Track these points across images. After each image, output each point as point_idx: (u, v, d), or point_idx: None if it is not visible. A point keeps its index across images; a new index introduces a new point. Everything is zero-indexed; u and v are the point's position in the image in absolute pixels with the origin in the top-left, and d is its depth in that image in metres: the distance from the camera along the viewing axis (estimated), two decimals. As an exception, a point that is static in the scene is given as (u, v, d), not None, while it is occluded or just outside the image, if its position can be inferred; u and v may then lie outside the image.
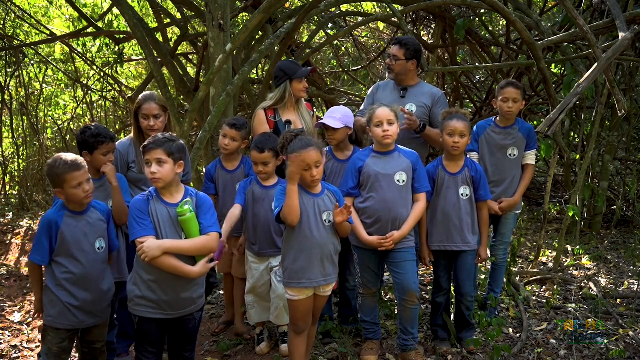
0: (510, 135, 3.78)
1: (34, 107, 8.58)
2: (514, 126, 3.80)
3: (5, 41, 7.73)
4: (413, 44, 3.86)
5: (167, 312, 2.71)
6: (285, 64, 3.88)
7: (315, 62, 9.45)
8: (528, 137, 3.81)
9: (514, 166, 3.82)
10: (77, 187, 2.71)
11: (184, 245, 2.64)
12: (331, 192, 3.04)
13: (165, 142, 2.65)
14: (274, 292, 3.49)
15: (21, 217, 7.29)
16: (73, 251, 2.75)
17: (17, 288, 5.26)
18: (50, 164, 2.74)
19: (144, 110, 3.41)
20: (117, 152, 3.40)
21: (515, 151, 3.79)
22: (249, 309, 3.65)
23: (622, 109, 3.39)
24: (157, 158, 2.62)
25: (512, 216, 3.92)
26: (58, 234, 2.72)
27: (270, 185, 3.48)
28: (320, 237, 2.91)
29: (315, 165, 2.86)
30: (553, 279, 4.75)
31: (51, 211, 2.79)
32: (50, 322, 2.78)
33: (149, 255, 2.55)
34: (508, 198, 3.80)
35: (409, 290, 3.27)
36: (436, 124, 3.81)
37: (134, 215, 2.65)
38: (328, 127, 3.46)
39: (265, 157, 3.39)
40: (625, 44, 3.45)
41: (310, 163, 2.84)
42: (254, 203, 3.48)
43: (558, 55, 5.85)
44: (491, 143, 3.80)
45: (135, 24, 5.63)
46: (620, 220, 6.73)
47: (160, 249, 2.57)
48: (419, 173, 3.32)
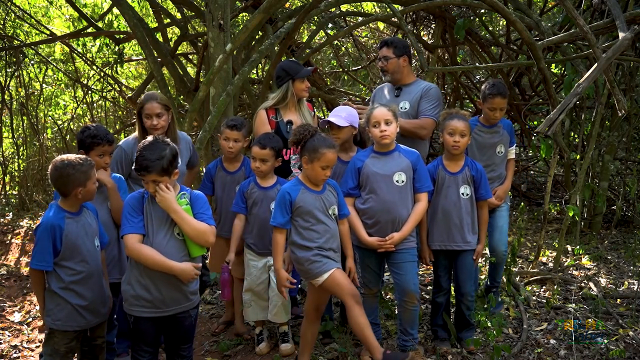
0: (497, 134, 3.85)
1: (34, 107, 8.57)
2: (498, 124, 3.86)
3: (5, 41, 7.73)
4: (399, 41, 3.93)
5: (162, 309, 2.72)
6: (287, 63, 3.88)
7: (315, 62, 9.45)
8: (510, 134, 3.90)
9: (502, 163, 3.90)
10: (95, 184, 2.82)
11: (187, 217, 2.66)
12: (331, 186, 3.15)
13: (156, 162, 2.61)
14: (273, 290, 3.49)
15: (21, 217, 7.29)
16: (79, 252, 2.77)
17: (17, 288, 5.26)
18: (72, 164, 2.74)
19: (146, 110, 3.45)
20: (121, 150, 3.47)
21: (502, 148, 3.86)
22: (245, 307, 3.66)
23: (622, 109, 3.39)
24: (152, 180, 2.64)
25: (506, 208, 3.98)
26: (63, 237, 2.72)
27: (269, 186, 3.51)
28: (332, 229, 3.08)
29: (331, 165, 3.00)
30: (553, 279, 4.75)
31: (50, 215, 2.76)
32: (59, 325, 2.78)
33: (165, 198, 2.61)
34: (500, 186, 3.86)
35: (409, 292, 3.27)
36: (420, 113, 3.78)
37: (125, 212, 2.69)
38: (333, 126, 3.46)
39: (266, 154, 3.42)
40: (625, 44, 3.45)
41: (330, 163, 2.98)
42: (253, 205, 3.52)
43: (558, 55, 5.85)
44: (480, 142, 3.84)
45: (135, 24, 5.63)
46: (620, 220, 6.72)
47: (172, 203, 2.63)
48: (420, 172, 3.32)
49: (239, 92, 6.33)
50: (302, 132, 3.04)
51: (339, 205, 3.14)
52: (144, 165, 2.61)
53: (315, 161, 2.96)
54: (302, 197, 3.02)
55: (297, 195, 3.02)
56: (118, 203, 3.13)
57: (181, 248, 2.71)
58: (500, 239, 3.91)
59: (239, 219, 3.56)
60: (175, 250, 2.69)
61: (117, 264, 3.24)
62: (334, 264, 3.03)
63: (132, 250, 2.64)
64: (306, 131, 3.03)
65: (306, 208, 3.01)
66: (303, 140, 3.02)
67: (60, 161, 2.76)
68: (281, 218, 3.00)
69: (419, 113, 3.80)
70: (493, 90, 3.72)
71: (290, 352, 3.54)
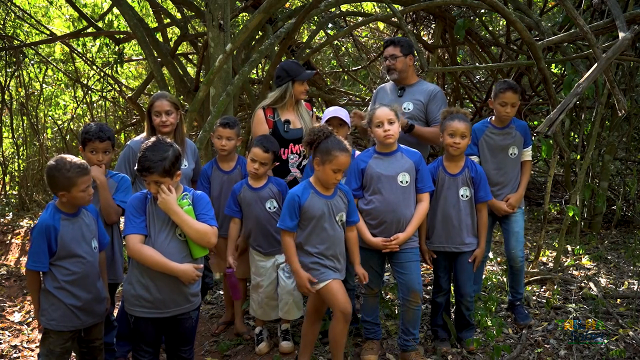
0: (509, 135, 3.77)
1: (34, 107, 8.57)
2: (511, 125, 3.78)
3: (5, 41, 7.73)
4: (405, 40, 3.95)
5: (162, 310, 2.71)
6: (288, 64, 3.88)
7: (315, 62, 9.45)
8: (524, 135, 3.81)
9: (516, 165, 3.81)
10: (85, 191, 2.73)
11: (188, 219, 2.65)
12: (343, 192, 3.10)
13: (158, 163, 2.60)
14: (283, 288, 3.50)
15: (21, 217, 7.30)
16: (74, 253, 2.74)
17: (17, 288, 5.26)
18: (58, 166, 2.69)
19: (156, 108, 3.49)
20: (130, 149, 3.49)
21: (515, 150, 3.77)
22: (256, 307, 3.62)
23: (622, 109, 3.39)
24: (154, 180, 2.63)
25: (520, 212, 3.87)
26: (58, 238, 2.70)
27: (260, 187, 3.53)
28: (335, 236, 3.03)
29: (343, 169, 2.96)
30: (553, 279, 4.75)
31: (45, 216, 2.74)
32: (54, 325, 2.76)
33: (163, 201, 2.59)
34: (514, 193, 3.78)
35: (413, 291, 3.27)
36: (432, 120, 3.81)
37: (128, 213, 2.69)
38: (334, 124, 3.46)
39: (267, 158, 3.44)
40: (625, 44, 3.45)
41: (342, 167, 2.93)
42: (247, 207, 3.53)
43: (558, 55, 5.85)
44: (492, 145, 3.77)
45: (135, 24, 5.63)
46: (620, 220, 6.73)
47: (172, 205, 2.61)
48: (422, 173, 3.32)
49: (239, 92, 6.33)
50: (316, 133, 2.99)
51: (348, 212, 3.10)
52: (146, 165, 2.60)
53: (327, 163, 2.92)
54: (310, 202, 2.99)
55: (306, 200, 2.99)
56: (106, 201, 3.11)
57: (183, 249, 2.70)
58: (516, 246, 3.82)
59: (234, 222, 3.57)
60: (176, 251, 2.68)
61: (110, 265, 3.20)
62: (332, 274, 3.01)
63: (133, 250, 2.63)
64: (321, 132, 2.98)
65: (312, 213, 2.99)
66: (317, 141, 2.98)
67: (52, 161, 2.74)
68: (289, 222, 2.98)
69: (431, 120, 3.81)
70: (504, 85, 3.71)
71: (291, 350, 3.54)
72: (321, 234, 3.00)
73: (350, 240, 3.15)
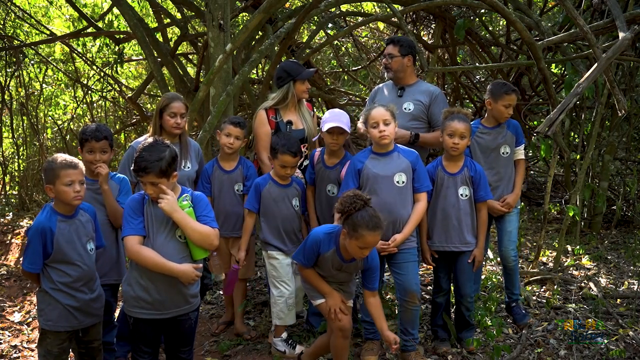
0: (500, 134, 3.75)
1: (34, 107, 8.57)
2: (502, 124, 3.76)
3: (5, 41, 7.72)
4: (406, 40, 3.92)
5: (162, 311, 2.71)
6: (288, 64, 3.88)
7: (315, 62, 9.45)
8: (516, 134, 3.79)
9: (509, 164, 3.79)
10: (69, 185, 2.69)
11: (190, 221, 2.63)
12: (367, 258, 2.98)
13: (154, 163, 2.59)
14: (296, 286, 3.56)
15: (21, 217, 7.29)
16: (70, 256, 2.73)
17: (17, 288, 5.26)
18: (49, 161, 2.75)
19: (173, 109, 3.49)
20: (132, 150, 3.45)
21: (507, 149, 3.75)
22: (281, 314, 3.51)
23: (622, 109, 3.39)
24: (150, 181, 2.62)
25: (516, 212, 3.87)
26: (54, 241, 2.69)
27: (288, 184, 3.54)
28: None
29: (370, 247, 2.83)
30: (553, 279, 4.75)
31: (42, 218, 2.73)
32: (50, 326, 2.76)
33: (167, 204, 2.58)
34: (510, 194, 3.77)
35: (410, 291, 3.27)
36: (435, 123, 3.81)
37: (126, 215, 2.68)
38: (335, 131, 3.45)
39: (297, 161, 3.47)
40: (625, 44, 3.45)
41: (369, 246, 2.80)
42: (274, 203, 3.52)
43: (558, 55, 5.85)
44: (483, 145, 3.74)
45: (135, 24, 5.63)
46: (620, 220, 6.73)
47: (174, 209, 2.60)
48: (419, 172, 3.31)
49: (239, 92, 6.32)
50: (350, 203, 2.78)
51: (371, 279, 3.01)
52: (142, 165, 2.59)
53: (354, 239, 2.75)
54: (327, 258, 2.95)
55: (324, 254, 2.94)
56: (112, 207, 3.12)
57: (182, 250, 2.70)
58: (509, 245, 3.82)
59: (250, 216, 3.59)
60: (175, 252, 2.67)
61: (115, 265, 3.22)
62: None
63: (132, 251, 2.62)
64: (355, 203, 2.77)
65: (323, 268, 2.99)
66: (348, 212, 2.78)
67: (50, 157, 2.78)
68: (304, 260, 2.98)
69: (434, 123, 3.81)
70: (508, 88, 3.69)
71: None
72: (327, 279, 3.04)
73: (372, 306, 3.00)
